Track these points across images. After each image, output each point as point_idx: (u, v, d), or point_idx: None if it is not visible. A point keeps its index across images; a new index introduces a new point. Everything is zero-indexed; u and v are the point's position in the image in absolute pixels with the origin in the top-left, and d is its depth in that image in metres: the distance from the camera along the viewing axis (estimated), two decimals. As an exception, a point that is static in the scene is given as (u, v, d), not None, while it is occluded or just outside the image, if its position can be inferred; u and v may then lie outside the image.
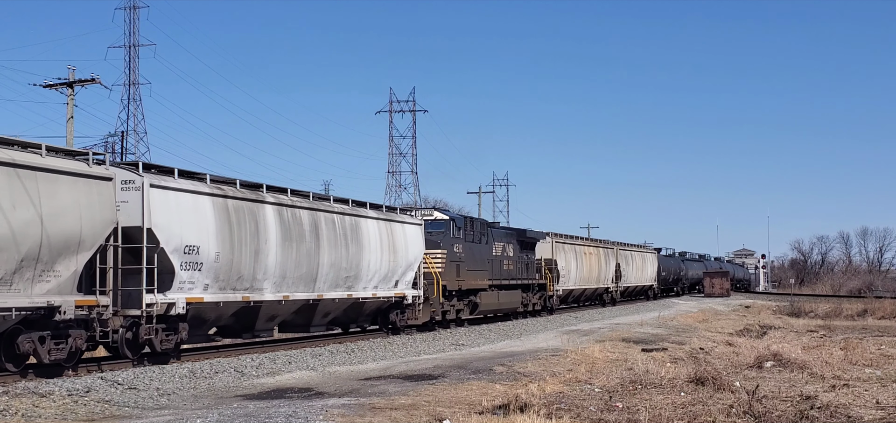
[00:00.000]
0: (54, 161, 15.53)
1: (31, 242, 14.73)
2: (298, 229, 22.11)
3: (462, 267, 31.71)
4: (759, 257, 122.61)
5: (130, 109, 69.44)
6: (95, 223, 16.08)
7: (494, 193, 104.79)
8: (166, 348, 18.24)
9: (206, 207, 18.94)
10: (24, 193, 14.64)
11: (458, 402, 13.23)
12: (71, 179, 15.63)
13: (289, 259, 21.56)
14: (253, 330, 21.59)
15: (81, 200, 15.75)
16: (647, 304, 56.29)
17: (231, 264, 19.55)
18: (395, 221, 27.20)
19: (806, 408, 12.61)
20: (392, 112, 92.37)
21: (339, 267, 23.70)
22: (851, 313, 44.37)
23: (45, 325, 15.57)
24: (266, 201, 21.12)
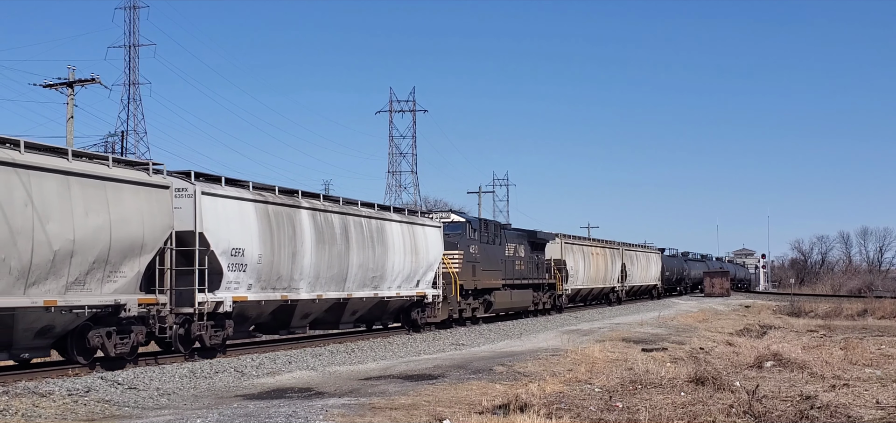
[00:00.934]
0: (120, 171, 16.84)
1: (101, 246, 16.02)
2: (330, 232, 23.37)
3: (477, 267, 32.91)
4: (759, 257, 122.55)
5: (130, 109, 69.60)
6: (155, 228, 17.39)
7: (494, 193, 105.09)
8: (215, 344, 19.44)
9: (250, 212, 20.23)
10: (96, 202, 15.98)
11: (458, 402, 13.26)
12: (134, 187, 17.01)
13: (322, 260, 22.81)
14: (289, 327, 22.85)
15: (143, 207, 17.09)
16: (650, 303, 57.02)
17: (271, 266, 20.81)
18: (416, 224, 28.50)
19: (806, 408, 12.60)
20: (392, 112, 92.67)
21: (366, 268, 24.98)
22: (851, 313, 44.38)
23: (111, 321, 16.86)
24: (301, 206, 22.38)
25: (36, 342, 15.77)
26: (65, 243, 15.25)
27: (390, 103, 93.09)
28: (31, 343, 15.66)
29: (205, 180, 19.46)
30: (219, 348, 19.64)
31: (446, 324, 30.56)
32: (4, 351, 15.33)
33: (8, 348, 15.31)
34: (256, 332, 22.53)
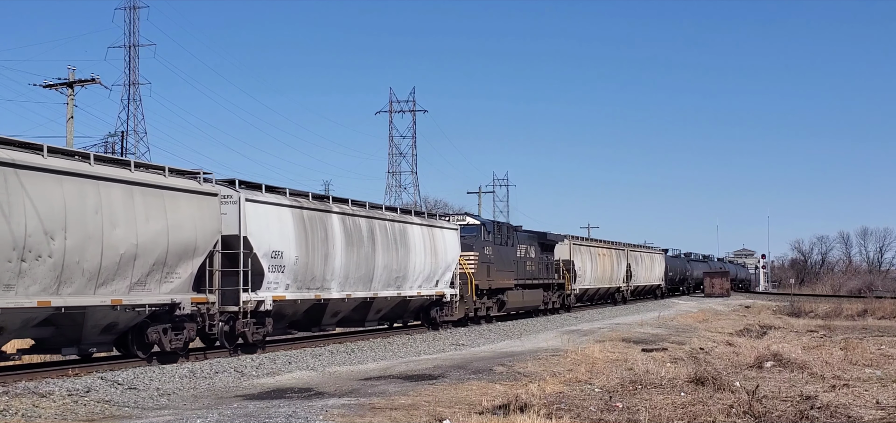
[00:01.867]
0: (175, 181, 18.41)
1: (160, 249, 17.55)
2: (358, 235, 24.97)
3: (492, 268, 34.39)
4: (759, 257, 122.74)
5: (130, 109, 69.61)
6: (206, 233, 18.95)
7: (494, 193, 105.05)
8: (256, 340, 20.89)
9: (287, 217, 21.78)
10: (155, 209, 17.56)
11: (458, 402, 13.30)
12: (187, 195, 18.56)
13: (351, 262, 24.37)
14: (320, 324, 24.39)
15: (195, 213, 18.65)
16: (651, 303, 58.05)
17: (306, 267, 22.35)
18: (435, 227, 30.17)
19: (806, 408, 12.62)
20: (392, 112, 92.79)
21: (390, 268, 26.53)
22: (851, 313, 44.43)
23: (167, 319, 18.37)
24: (332, 211, 23.97)
25: (101, 338, 17.35)
26: (129, 247, 16.74)
27: (390, 104, 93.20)
28: (98, 339, 17.24)
29: (247, 188, 21.04)
30: (259, 344, 21.13)
31: (462, 322, 32.04)
32: (74, 346, 16.81)
33: (77, 344, 16.82)
34: (290, 329, 23.87)
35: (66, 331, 16.42)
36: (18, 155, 14.95)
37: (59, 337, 16.49)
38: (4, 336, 15.32)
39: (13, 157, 14.80)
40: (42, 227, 15.00)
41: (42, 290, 15.13)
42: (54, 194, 15.33)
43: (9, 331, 15.24)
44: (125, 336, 18.03)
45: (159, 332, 18.20)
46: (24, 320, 15.19)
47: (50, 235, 15.14)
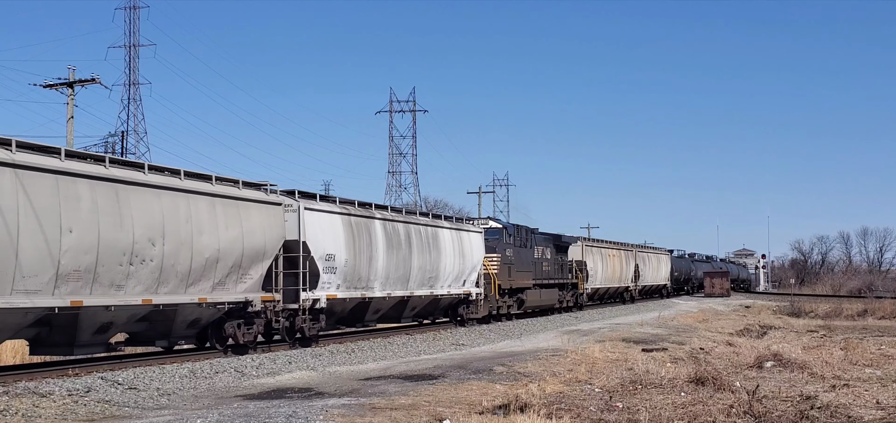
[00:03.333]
0: (247, 192, 20.84)
1: (236, 253, 19.92)
2: (397, 239, 27.37)
3: (512, 269, 36.72)
4: (759, 257, 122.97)
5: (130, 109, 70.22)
6: (273, 238, 21.38)
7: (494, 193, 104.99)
8: (312, 334, 23.22)
9: (338, 223, 24.23)
10: (232, 218, 19.91)
11: (458, 402, 13.41)
12: (257, 205, 20.97)
13: (391, 263, 26.80)
14: (363, 321, 26.91)
15: (264, 221, 21.04)
16: (659, 302, 60.28)
17: (354, 268, 24.77)
18: (462, 230, 32.58)
19: (806, 408, 12.70)
20: (392, 112, 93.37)
21: (424, 269, 29.01)
22: (851, 314, 44.87)
23: (240, 315, 20.70)
24: (375, 217, 26.46)
25: (187, 332, 19.74)
26: (213, 251, 19.12)
27: (390, 103, 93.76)
28: (184, 333, 19.62)
29: (304, 197, 23.39)
30: (314, 338, 23.47)
31: (486, 320, 34.40)
32: (164, 339, 19.25)
33: (167, 337, 19.21)
34: (338, 324, 26.23)
35: (159, 325, 18.78)
36: (126, 173, 17.36)
37: (151, 331, 18.88)
38: (112, 330, 17.71)
39: (123, 174, 17.20)
40: (145, 235, 17.36)
41: (144, 289, 17.49)
42: (154, 207, 17.70)
43: (116, 326, 17.64)
44: (205, 330, 20.43)
45: (234, 326, 20.61)
46: (129, 315, 17.59)
47: (151, 241, 17.52)
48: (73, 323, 16.35)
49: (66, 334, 16.56)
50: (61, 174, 15.75)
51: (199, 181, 19.32)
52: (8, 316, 14.89)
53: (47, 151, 16.02)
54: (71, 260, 15.68)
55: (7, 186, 14.70)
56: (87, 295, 16.12)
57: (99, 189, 16.44)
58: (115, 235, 16.59)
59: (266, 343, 22.72)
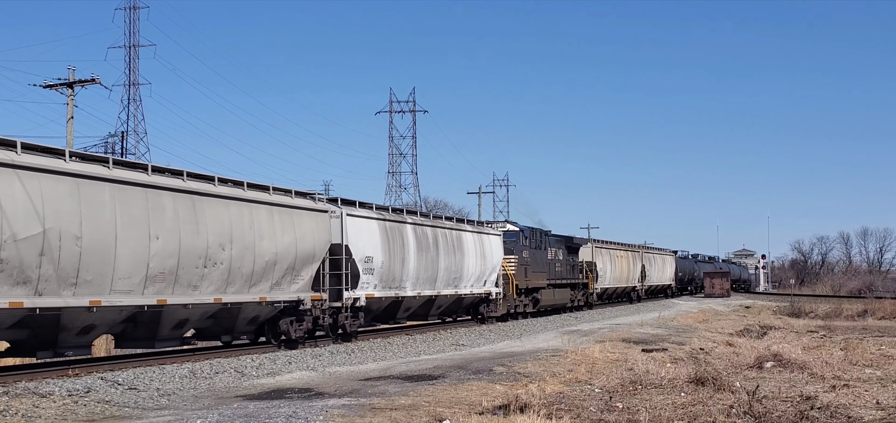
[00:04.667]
0: (299, 201, 23.12)
1: (291, 257, 22.11)
2: (426, 242, 29.73)
3: (528, 269, 39.22)
4: (759, 258, 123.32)
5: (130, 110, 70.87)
6: (320, 243, 23.63)
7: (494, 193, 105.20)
8: (353, 330, 25.59)
9: (375, 228, 26.58)
10: (287, 225, 22.13)
11: (458, 402, 13.51)
12: (308, 212, 23.23)
13: (421, 265, 29.15)
14: (395, 318, 29.19)
15: (313, 227, 23.26)
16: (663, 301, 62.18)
17: (389, 269, 27.08)
18: (483, 233, 35.01)
19: (806, 408, 12.76)
20: (392, 112, 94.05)
21: (449, 270, 31.37)
22: (851, 314, 45.03)
23: (293, 313, 22.94)
24: (406, 222, 28.84)
25: (247, 328, 22.04)
26: (271, 255, 21.31)
27: (390, 104, 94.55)
28: (245, 329, 21.91)
29: (345, 204, 25.79)
30: (354, 334, 25.73)
31: (503, 318, 36.69)
32: (228, 334, 21.58)
33: (230, 332, 21.50)
34: (374, 322, 28.46)
35: (224, 322, 21.00)
36: (201, 185, 19.56)
37: (217, 327, 21.09)
38: (187, 326, 19.87)
39: (198, 187, 19.39)
40: (217, 241, 19.54)
41: (215, 289, 19.69)
42: (224, 215, 19.90)
43: (190, 322, 19.80)
44: (261, 326, 22.66)
45: (288, 323, 22.86)
46: (202, 313, 19.79)
47: (222, 246, 19.69)
48: (157, 319, 18.58)
49: (149, 329, 18.77)
50: (149, 187, 17.95)
51: (259, 192, 21.61)
52: (107, 313, 17.15)
53: (136, 167, 18.36)
54: (157, 264, 17.90)
55: (107, 199, 16.86)
56: (169, 294, 18.36)
57: (179, 200, 18.67)
58: (193, 241, 18.82)
59: (312, 339, 24.72)
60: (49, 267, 15.52)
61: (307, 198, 23.74)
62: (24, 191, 15.12)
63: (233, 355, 21.06)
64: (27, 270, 15.17)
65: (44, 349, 16.76)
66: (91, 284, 16.41)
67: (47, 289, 15.61)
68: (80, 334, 17.13)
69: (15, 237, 14.89)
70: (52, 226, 15.52)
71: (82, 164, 16.68)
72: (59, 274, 15.76)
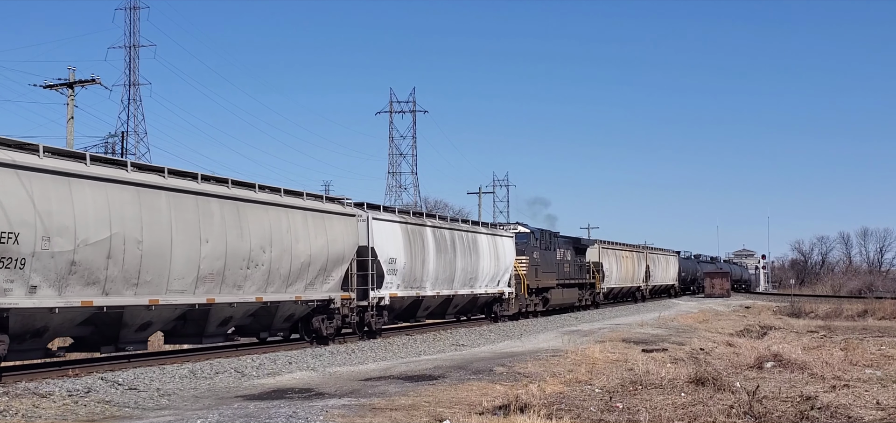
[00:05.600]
0: (330, 206, 24.81)
1: (323, 259, 23.73)
2: (444, 244, 31.54)
3: (539, 270, 41.08)
4: (759, 258, 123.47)
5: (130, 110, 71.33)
6: (349, 245, 25.28)
7: (494, 193, 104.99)
8: (378, 327, 27.33)
9: (398, 231, 28.32)
10: (320, 228, 23.71)
11: (458, 402, 13.57)
12: (338, 217, 24.89)
13: (440, 266, 30.93)
14: (415, 317, 30.99)
15: (343, 230, 24.91)
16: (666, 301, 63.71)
17: (411, 270, 28.84)
18: (497, 235, 36.90)
19: (806, 409, 12.77)
20: (392, 112, 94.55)
21: (466, 271, 33.13)
22: (852, 314, 45.07)
23: (324, 311, 24.60)
24: (426, 225, 30.67)
25: (283, 325, 23.63)
26: (306, 257, 22.86)
27: (390, 104, 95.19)
28: (281, 326, 23.54)
29: (371, 208, 27.53)
30: (378, 331, 27.42)
31: (515, 317, 38.43)
32: (266, 331, 23.14)
33: (268, 329, 23.09)
34: (396, 320, 30.10)
35: (263, 319, 22.57)
36: (244, 192, 21.15)
37: (256, 324, 22.67)
38: (231, 323, 21.48)
39: (241, 193, 20.98)
40: (259, 244, 21.12)
41: (257, 289, 21.28)
42: (264, 220, 21.45)
43: (234, 319, 21.39)
44: (296, 324, 24.29)
45: (320, 321, 24.48)
46: (244, 311, 21.40)
47: (263, 249, 21.23)
48: (205, 317, 20.16)
49: (198, 326, 20.36)
50: (199, 195, 19.50)
51: (294, 197, 23.20)
52: (163, 311, 18.76)
53: (188, 175, 19.68)
54: (207, 265, 19.46)
55: (163, 205, 18.39)
56: (217, 294, 19.95)
57: (225, 206, 20.24)
58: (238, 244, 20.39)
59: (340, 336, 26.22)
60: (115, 269, 17.11)
61: (336, 203, 25.44)
62: (93, 199, 16.66)
63: (233, 355, 21.52)
64: (96, 271, 16.72)
65: (107, 345, 18.29)
66: (150, 284, 18.01)
67: (113, 289, 17.19)
68: (138, 331, 18.73)
69: (86, 242, 16.41)
70: (117, 231, 17.07)
71: (142, 173, 18.29)
72: (124, 275, 17.35)
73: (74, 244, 16.08)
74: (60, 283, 16.02)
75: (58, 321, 16.45)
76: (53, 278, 15.86)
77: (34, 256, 15.35)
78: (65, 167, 16.28)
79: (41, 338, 16.74)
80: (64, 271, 16.01)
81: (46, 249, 15.57)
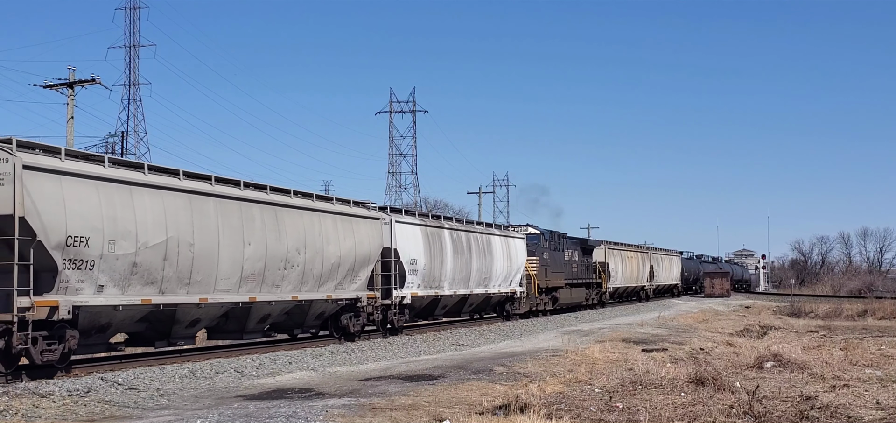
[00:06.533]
0: (357, 210, 26.66)
1: (351, 260, 25.57)
2: (460, 245, 33.59)
3: (548, 270, 43.26)
4: (759, 258, 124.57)
5: (130, 110, 72.18)
6: (374, 247, 27.14)
7: (494, 193, 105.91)
8: (401, 325, 29.19)
9: (419, 233, 30.33)
10: (348, 231, 25.57)
11: (458, 402, 13.64)
12: (364, 220, 26.83)
13: (456, 266, 32.95)
14: (433, 315, 33.05)
15: (369, 232, 26.79)
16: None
17: (430, 271, 30.83)
18: (509, 237, 39.06)
19: (806, 408, 12.79)
20: (392, 112, 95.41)
21: (480, 271, 35.22)
22: (851, 314, 45.06)
23: (351, 309, 26.48)
24: (444, 227, 32.74)
25: (314, 322, 25.48)
26: (336, 258, 24.72)
27: (390, 104, 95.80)
28: (313, 323, 25.38)
29: (394, 212, 29.64)
30: (400, 329, 29.25)
31: (526, 315, 40.34)
32: (299, 328, 24.98)
33: (301, 326, 24.95)
34: (415, 318, 31.81)
35: (297, 317, 24.40)
36: (281, 198, 22.98)
37: (290, 321, 24.45)
38: (268, 321, 23.23)
39: (279, 199, 22.81)
40: (294, 246, 22.94)
41: (293, 288, 23.13)
42: (299, 224, 23.28)
43: (272, 317, 23.17)
44: (325, 322, 26.08)
45: (348, 318, 26.37)
46: (281, 309, 23.20)
47: (298, 251, 23.06)
48: (246, 314, 21.97)
49: (239, 323, 22.17)
50: (242, 200, 21.33)
51: (325, 202, 25.15)
52: (211, 309, 20.57)
53: (231, 182, 21.46)
54: (250, 266, 21.28)
55: (211, 211, 20.20)
56: (258, 293, 21.77)
57: (265, 211, 22.07)
58: (276, 246, 22.21)
59: (364, 333, 27.97)
60: (170, 269, 18.89)
61: (363, 207, 27.28)
62: (151, 205, 18.45)
63: (233, 355, 21.84)
64: (154, 272, 18.51)
65: (160, 340, 20.06)
66: (200, 284, 19.81)
67: (168, 288, 18.98)
68: (188, 327, 20.53)
69: (146, 245, 18.20)
70: (172, 235, 18.85)
71: (192, 181, 20.00)
72: (178, 275, 19.13)
73: (136, 247, 17.84)
74: (123, 283, 17.75)
75: (120, 318, 18.20)
76: (118, 278, 17.59)
77: (102, 258, 17.08)
78: (127, 176, 18.06)
79: (105, 333, 18.44)
80: (126, 272, 17.75)
81: (112, 251, 17.30)
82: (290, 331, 25.09)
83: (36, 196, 15.82)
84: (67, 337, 16.84)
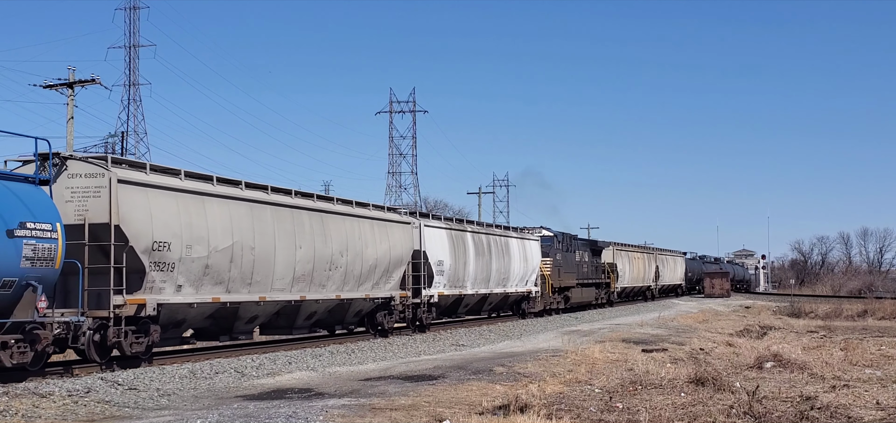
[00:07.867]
0: (390, 215, 29.77)
1: (385, 262, 28.33)
2: (481, 247, 36.53)
3: (561, 271, 46.20)
4: (759, 258, 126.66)
5: (130, 110, 74.02)
6: (406, 250, 30.07)
7: (494, 193, 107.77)
8: (429, 322, 32.15)
9: (444, 236, 33.33)
10: (382, 235, 28.38)
11: (458, 402, 13.83)
12: (397, 225, 29.73)
13: (478, 267, 35.83)
14: (456, 313, 36.23)
15: (401, 236, 29.66)
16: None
17: (455, 271, 33.75)
18: (525, 239, 42.31)
19: (806, 409, 12.95)
20: (392, 112, 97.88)
21: (499, 272, 38.24)
22: (851, 314, 46.00)
23: (385, 307, 29.24)
24: (466, 230, 35.77)
25: (353, 320, 28.17)
26: (373, 260, 27.41)
27: (390, 104, 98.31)
28: (351, 320, 28.09)
29: (422, 216, 32.95)
30: (428, 326, 32.06)
31: (540, 314, 43.03)
32: (339, 324, 27.76)
33: (341, 322, 27.71)
34: (440, 316, 34.38)
35: (338, 314, 27.07)
36: (326, 205, 25.72)
37: (331, 318, 27.13)
38: (315, 317, 25.83)
39: (324, 206, 25.53)
40: (338, 249, 25.61)
41: (336, 288, 25.85)
42: (342, 228, 25.99)
43: (317, 314, 25.78)
44: (362, 319, 28.69)
45: (383, 316, 29.07)
46: (326, 307, 25.83)
47: (341, 253, 25.75)
48: (296, 312, 24.61)
49: (289, 319, 24.80)
50: (293, 208, 23.98)
51: (363, 208, 27.81)
52: (268, 306, 23.18)
53: (284, 191, 24.04)
54: (301, 268, 23.95)
55: (268, 218, 22.83)
56: (307, 292, 24.41)
57: (313, 217, 24.76)
58: (323, 249, 24.87)
59: (395, 330, 30.54)
60: (235, 271, 21.49)
61: (395, 212, 30.27)
62: (219, 213, 21.01)
63: (233, 355, 22.40)
64: (222, 273, 21.09)
65: (223, 334, 22.61)
66: (260, 284, 22.43)
67: (234, 288, 21.61)
68: (248, 323, 23.19)
69: (216, 249, 20.78)
70: (237, 240, 21.47)
71: (252, 191, 22.59)
72: (241, 276, 21.72)
73: (208, 251, 20.40)
74: (197, 283, 20.34)
75: (193, 314, 20.74)
76: (193, 279, 20.16)
77: (180, 260, 19.65)
78: (199, 187, 20.61)
79: (179, 328, 21.03)
80: (200, 273, 20.33)
81: (189, 255, 19.86)
82: (330, 327, 27.79)
83: (128, 206, 18.29)
84: (151, 331, 19.27)
